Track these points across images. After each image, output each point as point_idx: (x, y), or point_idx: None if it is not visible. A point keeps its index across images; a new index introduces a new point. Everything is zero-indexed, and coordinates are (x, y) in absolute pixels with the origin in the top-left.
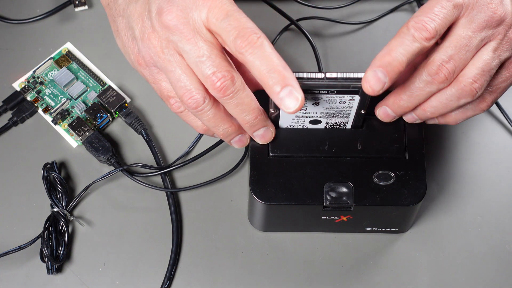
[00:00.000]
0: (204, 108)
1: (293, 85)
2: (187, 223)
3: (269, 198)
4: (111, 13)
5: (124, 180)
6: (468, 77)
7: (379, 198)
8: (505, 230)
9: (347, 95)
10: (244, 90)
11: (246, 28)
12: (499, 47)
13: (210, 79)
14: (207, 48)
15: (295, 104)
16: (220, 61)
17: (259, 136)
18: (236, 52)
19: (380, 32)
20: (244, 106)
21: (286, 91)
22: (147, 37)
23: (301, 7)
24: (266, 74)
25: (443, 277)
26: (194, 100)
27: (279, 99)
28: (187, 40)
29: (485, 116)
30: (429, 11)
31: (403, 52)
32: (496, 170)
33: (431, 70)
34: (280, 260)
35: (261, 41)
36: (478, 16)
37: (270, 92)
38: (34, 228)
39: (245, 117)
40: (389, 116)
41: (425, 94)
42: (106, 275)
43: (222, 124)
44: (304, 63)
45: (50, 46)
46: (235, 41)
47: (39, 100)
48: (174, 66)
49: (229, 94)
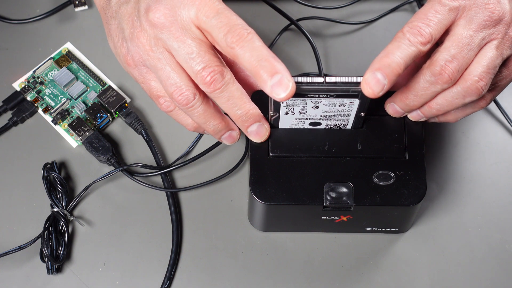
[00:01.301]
0: (194, 105)
1: (283, 73)
2: (187, 223)
3: (269, 198)
4: (105, 15)
5: (124, 180)
6: (474, 75)
7: (379, 198)
8: (505, 230)
9: (347, 99)
10: (234, 84)
11: (236, 24)
12: (500, 45)
13: (200, 74)
14: (196, 45)
15: (285, 91)
16: (209, 57)
17: (254, 132)
18: (227, 47)
19: (380, 32)
20: (235, 100)
21: (276, 79)
22: (136, 36)
23: (301, 7)
24: (256, 64)
25: (443, 277)
26: (184, 97)
27: (269, 87)
28: (176, 38)
29: (485, 116)
30: (423, 16)
31: (401, 55)
32: (496, 170)
33: (434, 71)
34: (280, 260)
35: (251, 35)
36: (477, 17)
37: (261, 81)
38: (34, 228)
39: (236, 111)
40: (398, 112)
41: (431, 93)
42: (106, 275)
43: (213, 120)
44: (304, 63)
45: (50, 46)
46: (225, 37)
47: (39, 100)
48: (163, 64)
49: (219, 88)
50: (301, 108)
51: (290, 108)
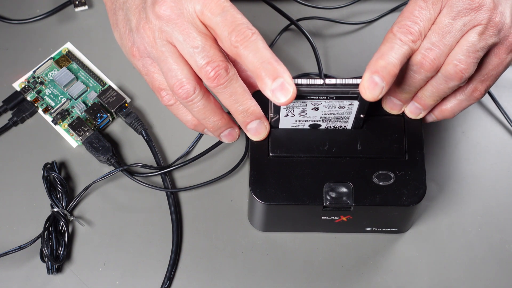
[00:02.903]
0: (194, 99)
1: (285, 78)
2: (187, 223)
3: (269, 198)
4: (112, 6)
5: (124, 180)
6: (454, 59)
7: (379, 198)
8: (505, 230)
9: (346, 101)
10: (238, 80)
11: (241, 23)
12: (484, 32)
13: (204, 69)
14: (201, 39)
15: (286, 96)
16: (214, 52)
17: (253, 130)
18: (231, 46)
19: (380, 32)
20: (238, 96)
21: (277, 83)
22: (142, 27)
23: (301, 7)
24: (258, 66)
25: (443, 277)
26: (184, 90)
27: (270, 92)
28: (181, 31)
29: (485, 116)
30: (410, 14)
31: (395, 55)
32: (496, 170)
33: (416, 60)
34: (280, 260)
35: (255, 36)
36: (457, 4)
37: (262, 84)
38: (34, 228)
39: (238, 107)
40: (395, 105)
41: (418, 82)
42: (106, 275)
43: (213, 117)
44: (304, 63)
45: (50, 46)
46: (230, 36)
47: (39, 100)
48: (166, 56)
49: (223, 83)
50: (301, 110)
51: (290, 110)
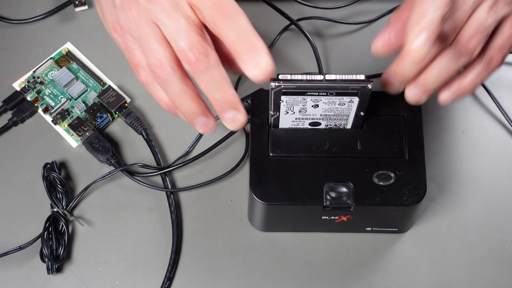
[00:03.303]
0: (171, 79)
1: (261, 53)
2: (187, 223)
3: (269, 198)
4: None
5: (124, 180)
6: (464, 35)
7: (379, 198)
8: (505, 230)
9: (346, 97)
10: (219, 68)
11: (226, 2)
12: (494, 5)
13: (185, 52)
14: (186, 23)
15: (259, 71)
16: (197, 38)
17: (229, 119)
18: (212, 24)
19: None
20: (216, 84)
21: (253, 58)
22: (127, 6)
23: (301, 7)
24: (236, 42)
25: (443, 277)
26: (163, 70)
27: (246, 66)
28: (167, 13)
29: (485, 116)
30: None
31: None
32: (496, 170)
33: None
34: (280, 260)
35: (239, 14)
36: None
37: (239, 60)
38: (34, 228)
39: (215, 95)
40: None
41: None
42: (106, 275)
43: (188, 102)
44: (304, 63)
45: (50, 46)
46: (213, 14)
47: (39, 100)
48: (149, 36)
49: (202, 69)
50: (301, 107)
51: (290, 107)
